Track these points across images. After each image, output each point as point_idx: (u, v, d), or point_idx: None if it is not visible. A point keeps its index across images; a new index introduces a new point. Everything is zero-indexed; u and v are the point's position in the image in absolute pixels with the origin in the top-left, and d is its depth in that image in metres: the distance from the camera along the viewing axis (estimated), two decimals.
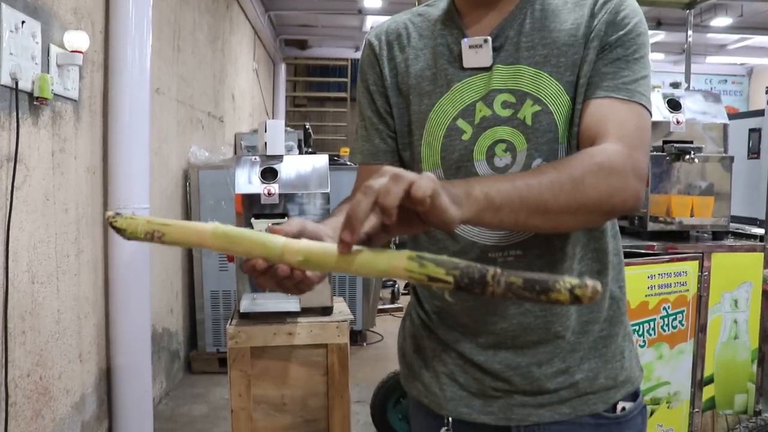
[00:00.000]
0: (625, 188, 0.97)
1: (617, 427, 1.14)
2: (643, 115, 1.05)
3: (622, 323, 1.16)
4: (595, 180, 0.94)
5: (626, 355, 1.16)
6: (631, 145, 0.99)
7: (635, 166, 0.98)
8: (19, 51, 2.08)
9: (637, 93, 1.04)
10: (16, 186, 2.12)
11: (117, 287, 2.91)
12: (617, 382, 1.13)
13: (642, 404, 1.18)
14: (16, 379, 2.17)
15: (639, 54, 1.07)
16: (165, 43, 3.87)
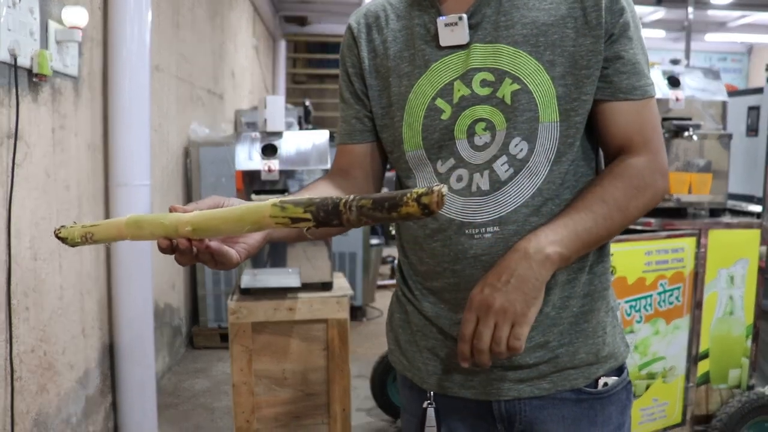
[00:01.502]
0: (656, 193, 1.10)
1: (599, 403, 1.14)
2: (654, 106, 1.11)
3: (604, 298, 1.15)
4: (636, 202, 1.07)
5: (608, 330, 1.15)
6: (655, 149, 1.10)
7: (661, 168, 1.10)
8: (17, 27, 2.08)
9: (648, 86, 1.10)
10: (17, 163, 2.13)
11: (119, 263, 2.93)
12: (599, 357, 1.13)
13: (627, 380, 1.18)
14: (21, 355, 2.19)
15: (640, 39, 1.09)
16: (164, 20, 3.85)
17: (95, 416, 2.83)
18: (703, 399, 2.84)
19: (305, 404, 2.54)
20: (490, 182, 1.09)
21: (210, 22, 5.20)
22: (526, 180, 1.08)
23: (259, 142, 2.51)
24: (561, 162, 1.09)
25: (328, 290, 2.54)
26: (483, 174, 1.09)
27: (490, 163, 1.09)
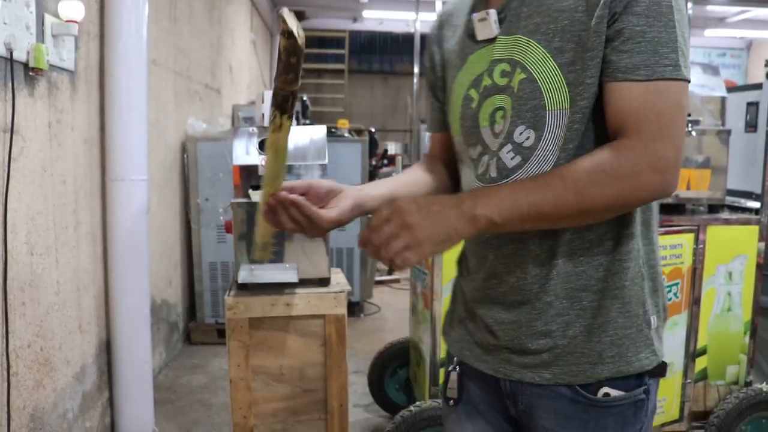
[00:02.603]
0: (636, 187, 1.00)
1: (594, 409, 1.12)
2: (668, 91, 1.00)
3: (618, 298, 1.11)
4: (599, 188, 1.00)
5: (620, 332, 1.11)
6: (649, 136, 0.99)
7: (653, 160, 0.99)
8: (12, 20, 2.06)
9: (660, 66, 1.00)
10: (13, 157, 2.12)
11: (116, 259, 2.92)
12: (602, 357, 1.10)
13: (639, 396, 1.13)
14: (17, 350, 2.18)
15: (656, 15, 1.00)
16: (161, 13, 3.84)
17: (92, 412, 2.82)
18: (700, 395, 2.84)
19: (302, 400, 2.53)
20: (498, 170, 1.13)
21: (207, 16, 5.18)
22: (536, 168, 1.09)
23: (256, 137, 2.49)
24: (568, 149, 1.07)
25: (325, 286, 2.53)
26: (492, 161, 1.14)
27: (497, 151, 1.13)
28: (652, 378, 1.15)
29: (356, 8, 9.91)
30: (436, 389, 2.63)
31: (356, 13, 10.23)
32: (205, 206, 4.39)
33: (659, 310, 1.17)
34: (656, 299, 1.17)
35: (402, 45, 12.51)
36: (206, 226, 4.41)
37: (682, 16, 1.03)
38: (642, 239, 1.14)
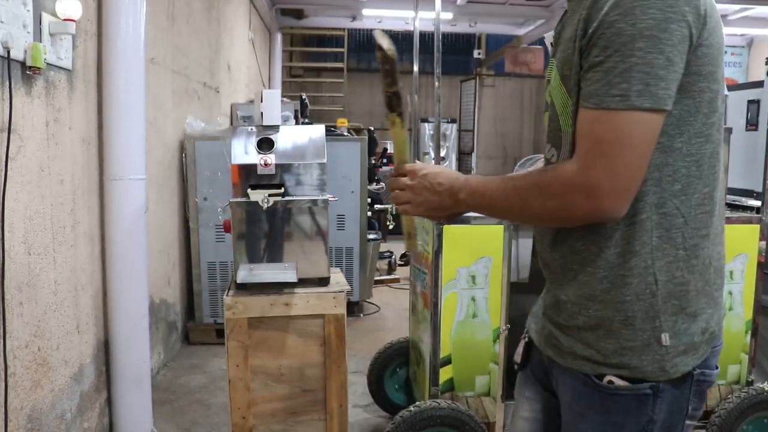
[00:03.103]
0: (564, 207, 1.13)
1: (599, 393, 1.21)
2: (612, 121, 1.07)
3: (621, 311, 1.18)
4: (537, 202, 1.16)
5: (623, 343, 1.18)
6: (585, 162, 1.09)
7: (583, 186, 1.09)
8: (9, 19, 2.05)
9: (609, 97, 1.06)
10: (11, 156, 2.11)
11: (114, 258, 2.90)
12: (607, 361, 1.20)
13: (643, 392, 1.18)
14: (15, 350, 2.17)
15: (616, 45, 1.06)
16: (159, 12, 3.82)
17: (90, 412, 2.81)
18: None
19: (302, 400, 2.52)
20: None
21: (206, 15, 5.16)
22: None
23: (255, 136, 2.48)
24: None
25: (324, 285, 2.52)
26: None
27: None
28: (672, 381, 1.19)
29: (355, 6, 9.88)
30: (436, 389, 2.62)
31: (355, 12, 10.20)
32: (203, 205, 4.37)
33: (679, 330, 1.18)
34: (676, 319, 1.18)
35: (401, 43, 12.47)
36: (205, 225, 4.40)
37: (653, 44, 1.05)
38: (659, 258, 1.17)
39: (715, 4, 1.15)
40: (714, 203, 1.20)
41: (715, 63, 1.15)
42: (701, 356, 1.20)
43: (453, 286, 2.56)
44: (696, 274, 1.19)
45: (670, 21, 1.05)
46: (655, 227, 1.16)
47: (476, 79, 12.28)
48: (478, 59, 12.62)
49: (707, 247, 1.19)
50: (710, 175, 1.18)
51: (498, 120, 13.04)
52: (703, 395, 1.25)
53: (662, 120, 1.09)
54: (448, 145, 11.27)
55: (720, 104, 1.18)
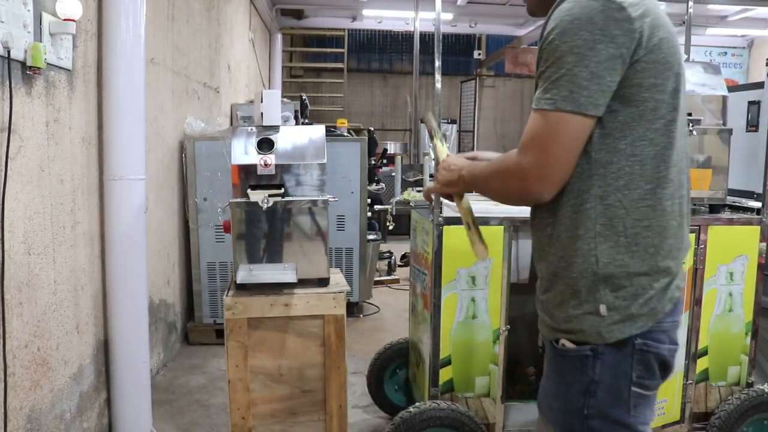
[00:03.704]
0: (506, 187, 1.44)
1: (559, 357, 1.48)
2: (543, 119, 1.32)
3: (569, 287, 1.43)
4: (495, 182, 1.48)
5: (570, 313, 1.43)
6: (522, 152, 1.36)
7: (517, 168, 1.37)
8: (10, 19, 2.05)
9: (542, 100, 1.32)
10: (11, 156, 2.10)
11: (113, 259, 2.90)
12: (560, 327, 1.46)
13: (585, 353, 1.42)
14: (14, 350, 2.17)
15: (549, 60, 1.32)
16: (159, 12, 3.82)
17: (89, 412, 2.81)
18: (702, 396, 2.83)
19: (301, 401, 2.52)
20: None
21: (206, 15, 5.16)
22: None
23: (255, 137, 2.48)
24: None
25: (324, 286, 2.52)
26: None
27: None
28: (611, 346, 1.40)
29: (355, 7, 9.88)
30: (435, 390, 2.61)
31: (355, 12, 10.20)
32: (203, 206, 4.37)
33: (617, 304, 1.39)
34: (615, 295, 1.39)
35: (401, 43, 12.49)
36: (204, 225, 4.39)
37: (579, 59, 1.28)
38: (601, 243, 1.38)
39: (663, 25, 1.35)
40: (658, 199, 1.38)
41: (660, 76, 1.34)
42: (640, 327, 1.39)
43: (453, 287, 2.56)
44: (637, 259, 1.38)
45: (598, 42, 1.28)
46: (599, 216, 1.38)
47: (476, 80, 12.28)
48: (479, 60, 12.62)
49: (650, 236, 1.38)
50: (653, 174, 1.37)
51: (498, 120, 13.04)
52: (649, 365, 1.42)
53: (590, 123, 1.32)
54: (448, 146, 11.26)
55: (669, 110, 1.37)
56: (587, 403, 1.43)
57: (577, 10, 1.29)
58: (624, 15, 1.29)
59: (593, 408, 1.43)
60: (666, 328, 1.42)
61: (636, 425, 1.44)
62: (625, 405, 1.42)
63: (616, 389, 1.42)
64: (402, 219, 6.89)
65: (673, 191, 1.40)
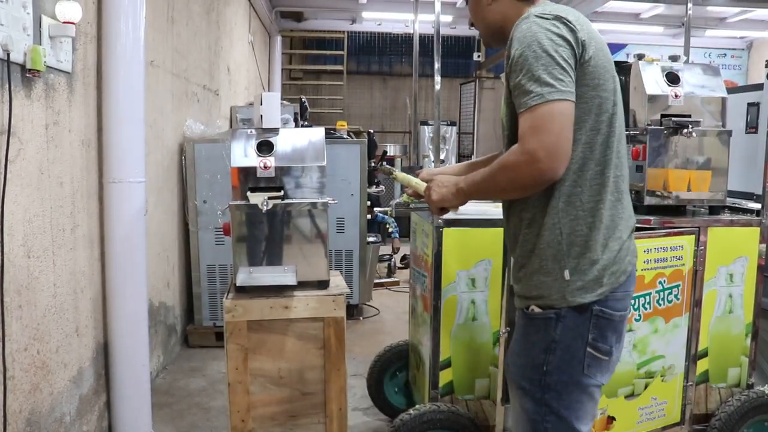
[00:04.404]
0: (519, 176, 1.57)
1: (528, 319, 1.73)
2: (534, 113, 1.53)
3: (539, 257, 1.68)
4: (500, 176, 1.62)
5: (541, 279, 1.68)
6: (525, 140, 1.54)
7: (529, 155, 1.52)
8: (9, 22, 2.05)
9: (530, 99, 1.54)
10: (10, 159, 2.10)
11: (113, 261, 2.90)
12: (530, 294, 1.71)
13: (550, 316, 1.67)
14: (14, 353, 2.17)
15: (522, 69, 1.57)
16: (159, 15, 3.82)
17: (89, 415, 2.80)
18: (702, 398, 2.83)
19: (301, 403, 2.51)
20: None
21: (205, 18, 5.16)
22: None
23: (254, 139, 2.47)
24: None
25: (324, 288, 2.51)
26: None
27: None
28: (572, 310, 1.65)
29: (355, 9, 9.89)
30: (435, 392, 2.61)
31: (355, 14, 10.20)
32: (203, 208, 4.37)
33: (579, 269, 1.65)
34: (577, 261, 1.65)
35: (401, 46, 12.50)
36: (204, 228, 4.40)
37: (550, 60, 1.54)
38: (563, 217, 1.65)
39: (596, 39, 1.65)
40: (606, 178, 1.66)
41: (602, 78, 1.64)
42: (599, 295, 1.64)
43: (453, 289, 2.56)
44: (595, 230, 1.65)
45: (558, 45, 1.56)
46: (561, 195, 1.65)
47: (476, 82, 12.28)
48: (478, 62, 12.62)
49: (602, 209, 1.66)
50: (601, 157, 1.65)
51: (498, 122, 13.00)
52: (603, 330, 1.66)
53: (572, 107, 1.55)
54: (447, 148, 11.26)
55: (611, 105, 1.66)
56: (547, 359, 1.67)
57: (535, 27, 1.59)
58: (571, 27, 1.60)
59: (552, 364, 1.67)
60: (620, 297, 1.69)
61: (587, 384, 1.68)
62: (579, 364, 1.66)
63: (574, 349, 1.66)
64: (402, 221, 6.89)
65: (613, 171, 1.68)
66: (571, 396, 1.68)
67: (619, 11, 10.00)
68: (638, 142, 2.77)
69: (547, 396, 1.68)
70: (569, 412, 1.68)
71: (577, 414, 1.69)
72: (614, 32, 11.43)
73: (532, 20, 1.61)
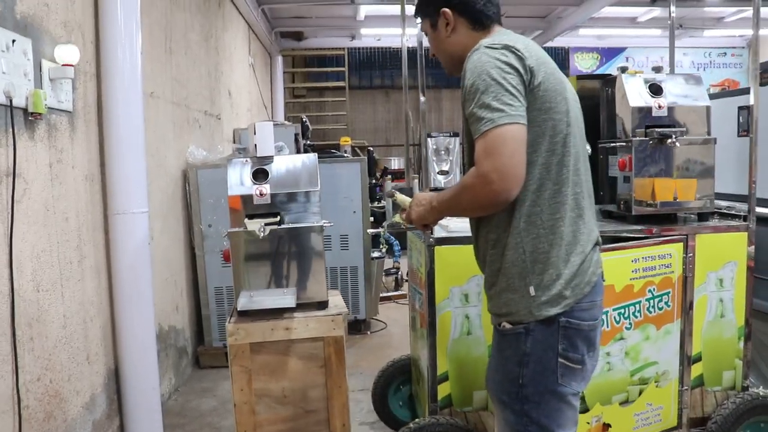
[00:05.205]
0: (476, 197, 1.66)
1: (500, 337, 1.83)
2: (486, 138, 1.62)
3: (505, 275, 1.78)
4: (462, 196, 1.73)
5: (508, 297, 1.78)
6: (479, 163, 1.63)
7: (483, 177, 1.61)
8: (11, 69, 2.16)
9: (482, 125, 1.63)
10: (16, 199, 2.21)
11: (120, 289, 3.00)
12: (500, 312, 1.81)
13: (519, 331, 1.76)
14: (27, 384, 2.26)
15: (477, 95, 1.66)
16: (157, 47, 3.93)
17: None
18: (698, 402, 2.88)
19: (306, 421, 2.59)
20: None
21: (204, 45, 5.28)
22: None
23: (249, 167, 2.57)
24: None
25: (323, 309, 2.60)
26: None
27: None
28: (540, 323, 1.74)
29: (353, 26, 10.02)
30: (435, 405, 2.68)
31: (354, 31, 10.33)
32: (208, 232, 4.47)
33: (543, 285, 1.73)
34: (540, 278, 1.74)
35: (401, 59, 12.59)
36: (210, 251, 4.49)
37: (499, 88, 1.64)
38: (525, 236, 1.74)
39: (546, 63, 1.76)
40: (564, 196, 1.75)
41: (553, 101, 1.73)
42: (563, 307, 1.73)
43: (447, 305, 2.64)
44: (556, 247, 1.74)
45: (507, 73, 1.67)
46: (522, 215, 1.74)
47: None
48: None
49: (562, 226, 1.74)
50: (558, 177, 1.74)
51: None
52: (572, 340, 1.75)
53: (523, 130, 1.64)
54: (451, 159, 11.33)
55: (565, 126, 1.75)
56: (521, 372, 1.76)
57: (485, 57, 1.70)
58: (518, 55, 1.70)
59: (526, 377, 1.76)
60: (586, 308, 1.77)
61: (563, 393, 1.77)
62: (553, 374, 1.75)
63: (545, 360, 1.75)
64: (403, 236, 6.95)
65: (572, 188, 1.77)
66: (549, 405, 1.76)
67: (615, 16, 10.07)
68: (624, 153, 2.84)
69: (526, 407, 1.77)
70: (549, 420, 1.77)
71: (558, 422, 1.78)
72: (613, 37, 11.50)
73: (482, 51, 1.72)
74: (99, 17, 2.91)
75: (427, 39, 2.05)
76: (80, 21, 2.77)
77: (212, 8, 5.68)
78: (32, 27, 2.37)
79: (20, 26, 2.28)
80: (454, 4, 1.89)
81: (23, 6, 2.31)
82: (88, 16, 2.86)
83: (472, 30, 1.90)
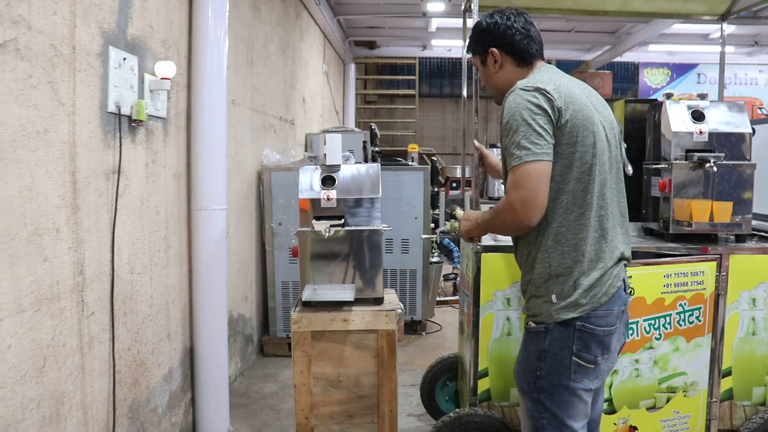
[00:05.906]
0: (505, 222, 2.00)
1: (527, 334, 2.10)
2: (515, 172, 1.91)
3: (533, 284, 2.06)
4: (496, 219, 2.06)
5: (535, 302, 2.05)
6: (508, 194, 1.94)
7: (509, 205, 1.93)
8: (121, 83, 2.53)
9: (513, 161, 1.91)
10: (119, 194, 2.58)
11: (198, 278, 3.35)
12: (529, 313, 2.09)
13: (541, 330, 2.03)
14: (120, 352, 2.63)
15: (510, 133, 1.94)
16: (240, 59, 4.30)
17: (177, 409, 3.25)
18: (726, 414, 3.02)
19: (357, 405, 2.86)
20: None
21: (281, 55, 5.65)
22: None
23: (319, 174, 2.87)
24: None
25: (379, 305, 2.86)
26: None
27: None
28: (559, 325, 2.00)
29: (425, 37, 10.28)
30: (474, 398, 2.92)
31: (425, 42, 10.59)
32: (278, 230, 4.82)
33: (564, 294, 1.99)
34: (562, 287, 2.00)
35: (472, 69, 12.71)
36: (279, 248, 4.84)
37: (528, 128, 1.90)
38: (552, 252, 2.01)
39: (575, 101, 1.96)
40: (588, 219, 1.98)
41: (580, 135, 1.95)
42: (580, 312, 1.97)
43: (490, 307, 2.87)
44: (578, 263, 1.99)
45: (536, 114, 1.92)
46: (550, 234, 2.01)
47: None
48: None
49: (585, 245, 1.99)
50: (582, 202, 1.98)
51: None
52: (587, 342, 1.98)
53: (547, 166, 1.91)
54: None
55: (591, 157, 1.97)
56: (539, 366, 2.02)
57: (518, 98, 1.95)
58: (548, 97, 1.93)
59: (544, 370, 2.01)
60: (602, 315, 2.00)
61: (575, 388, 2.00)
62: (567, 371, 1.99)
63: (561, 358, 2.00)
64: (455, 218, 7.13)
65: (596, 212, 2.00)
66: (562, 397, 2.01)
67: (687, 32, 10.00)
68: (665, 175, 3.02)
69: (541, 396, 2.02)
70: (561, 410, 2.01)
71: (568, 412, 2.01)
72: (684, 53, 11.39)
73: (516, 92, 1.97)
74: (192, 35, 3.27)
75: (478, 73, 2.30)
76: (176, 39, 3.14)
77: (290, 20, 6.05)
78: (139, 46, 2.74)
79: (130, 46, 2.65)
80: (501, 44, 2.14)
81: (133, 29, 2.68)
82: (183, 34, 3.23)
83: (517, 66, 2.14)
